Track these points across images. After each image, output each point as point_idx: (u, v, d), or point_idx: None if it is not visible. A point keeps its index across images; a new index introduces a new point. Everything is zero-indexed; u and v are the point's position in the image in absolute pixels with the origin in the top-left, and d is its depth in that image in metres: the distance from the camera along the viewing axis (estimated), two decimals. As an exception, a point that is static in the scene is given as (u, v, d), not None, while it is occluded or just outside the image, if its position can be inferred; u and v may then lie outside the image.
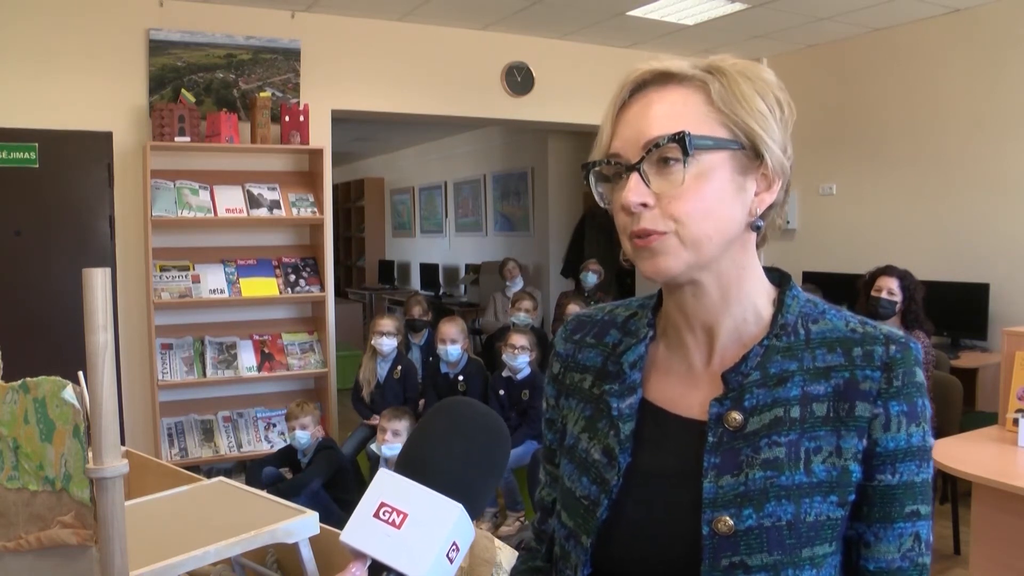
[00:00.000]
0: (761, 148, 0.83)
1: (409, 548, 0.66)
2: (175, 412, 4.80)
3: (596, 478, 0.90)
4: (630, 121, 0.85)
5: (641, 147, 0.83)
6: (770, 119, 0.84)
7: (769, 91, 0.85)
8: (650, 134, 0.82)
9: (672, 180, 0.82)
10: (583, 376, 0.98)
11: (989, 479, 2.62)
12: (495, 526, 4.23)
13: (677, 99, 0.84)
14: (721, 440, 0.84)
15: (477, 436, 0.76)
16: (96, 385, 0.75)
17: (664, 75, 0.85)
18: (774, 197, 0.86)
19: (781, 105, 0.86)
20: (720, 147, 0.82)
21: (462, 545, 0.70)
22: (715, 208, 0.83)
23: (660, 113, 0.83)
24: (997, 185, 5.02)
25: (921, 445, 0.83)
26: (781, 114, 0.86)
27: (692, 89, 0.84)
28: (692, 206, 0.81)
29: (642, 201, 0.82)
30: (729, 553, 0.80)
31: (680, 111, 0.83)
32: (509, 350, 4.40)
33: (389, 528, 0.67)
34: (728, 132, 0.83)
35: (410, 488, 0.69)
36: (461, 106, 5.71)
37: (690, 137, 0.80)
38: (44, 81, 4.43)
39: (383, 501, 0.69)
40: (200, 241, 4.88)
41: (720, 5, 5.04)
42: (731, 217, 0.84)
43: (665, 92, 0.85)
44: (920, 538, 0.83)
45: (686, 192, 0.81)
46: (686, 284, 0.87)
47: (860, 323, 0.88)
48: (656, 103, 0.84)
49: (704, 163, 0.82)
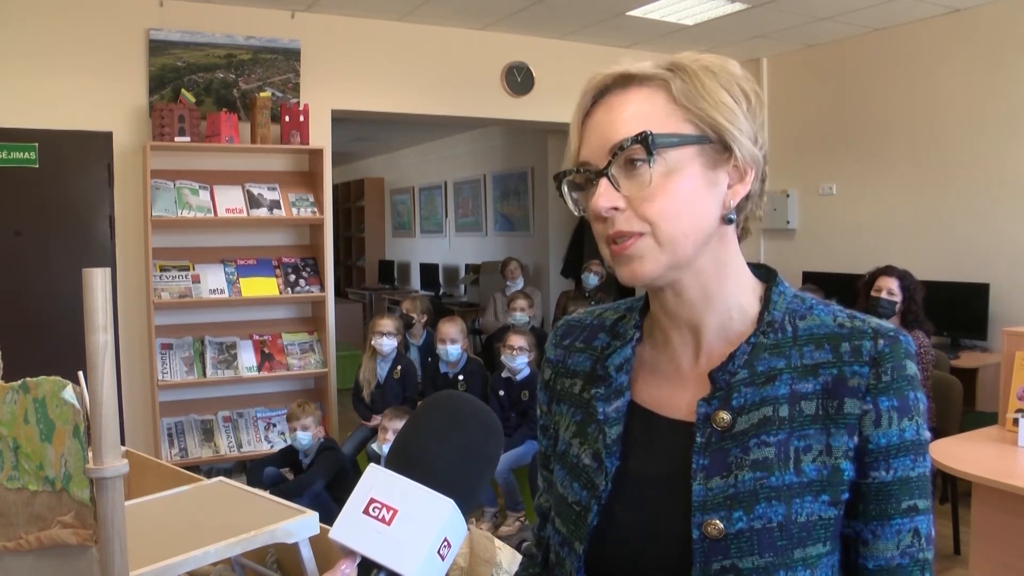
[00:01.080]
0: (729, 140, 0.83)
1: (399, 545, 0.65)
2: (175, 412, 4.80)
3: (586, 483, 0.89)
4: (595, 127, 0.85)
5: (607, 152, 0.82)
6: (736, 111, 0.83)
7: (734, 83, 0.84)
8: (614, 138, 0.82)
9: (640, 181, 0.81)
10: (573, 381, 0.97)
11: (989, 479, 2.62)
12: (495, 526, 4.23)
13: (639, 100, 0.83)
14: (709, 441, 0.83)
15: (468, 429, 0.75)
16: (96, 385, 0.75)
17: (624, 77, 0.85)
18: (748, 188, 0.85)
19: (748, 96, 0.85)
20: (685, 143, 0.82)
21: (454, 541, 0.68)
22: (687, 205, 0.82)
23: (622, 116, 0.83)
24: (997, 185, 5.02)
25: (915, 439, 0.82)
26: (748, 104, 0.85)
27: (653, 89, 0.84)
28: (663, 205, 0.81)
29: (612, 205, 0.81)
30: (720, 557, 0.79)
31: (642, 111, 0.82)
32: (508, 351, 4.40)
33: (379, 525, 0.66)
34: (694, 128, 0.82)
35: (400, 484, 0.68)
36: (461, 106, 5.72)
37: (653, 136, 0.80)
38: (44, 81, 4.43)
39: (372, 497, 0.67)
40: (200, 241, 4.88)
41: (720, 5, 5.04)
42: (705, 213, 0.83)
43: (627, 94, 0.84)
44: (920, 533, 0.82)
45: (656, 192, 0.81)
46: (667, 286, 0.87)
47: (848, 317, 0.86)
48: (618, 106, 0.84)
49: (671, 161, 0.81)
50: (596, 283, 6.36)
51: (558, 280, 8.42)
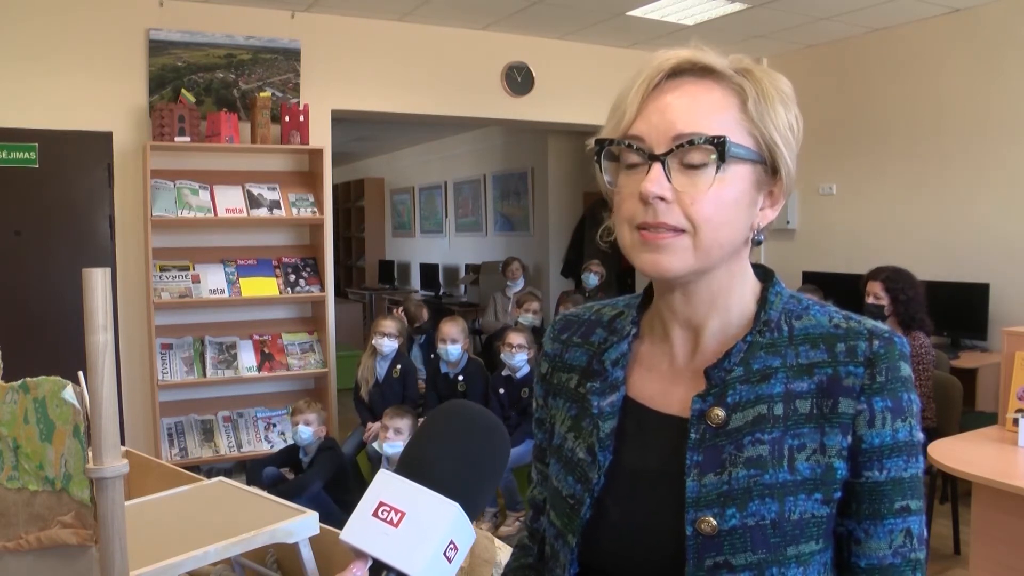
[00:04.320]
0: (779, 165, 0.83)
1: (406, 546, 0.67)
2: (175, 412, 4.79)
3: (580, 477, 0.89)
4: (662, 108, 0.82)
5: (671, 138, 0.80)
6: (791, 139, 0.84)
7: (792, 107, 0.84)
8: (685, 128, 0.80)
9: (698, 182, 0.80)
10: (570, 375, 0.97)
11: (989, 479, 2.62)
12: (495, 526, 4.23)
13: (715, 99, 0.82)
14: (704, 437, 0.83)
15: (477, 438, 0.76)
16: (96, 385, 0.75)
17: (704, 68, 0.83)
18: (775, 214, 0.87)
19: (798, 122, 0.85)
20: (751, 159, 0.82)
21: (461, 545, 0.70)
22: (731, 218, 0.82)
23: (700, 109, 0.81)
24: (997, 185, 5.02)
25: (908, 440, 0.82)
26: (798, 131, 0.85)
27: (729, 91, 0.82)
28: (712, 213, 0.80)
29: (661, 194, 0.80)
30: (713, 553, 0.80)
31: (718, 113, 0.81)
32: (507, 348, 4.40)
33: (387, 527, 0.68)
34: (755, 143, 0.82)
35: (408, 488, 0.70)
36: (461, 106, 5.71)
37: (729, 144, 0.79)
38: (44, 81, 4.43)
39: (382, 500, 0.69)
40: (200, 241, 4.88)
41: (720, 5, 5.04)
42: (741, 228, 0.84)
43: (703, 87, 0.82)
44: (912, 534, 0.82)
45: (711, 197, 0.80)
46: (679, 287, 0.87)
47: (844, 318, 0.87)
48: (697, 96, 0.82)
49: (730, 171, 0.81)
50: (596, 283, 6.35)
51: (558, 280, 8.43)
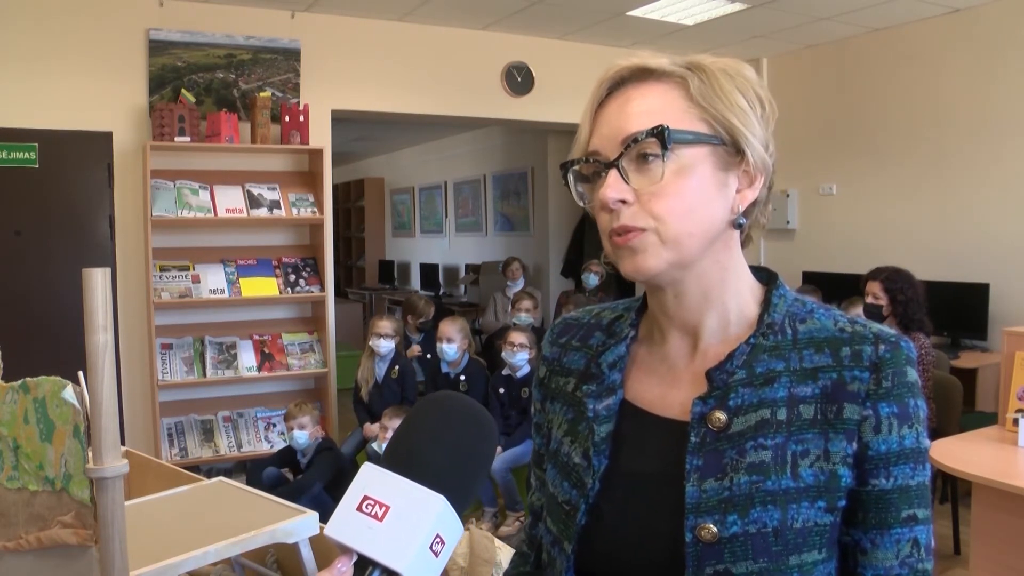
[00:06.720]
0: (742, 144, 0.82)
1: (391, 541, 0.66)
2: (175, 412, 4.79)
3: (576, 482, 0.88)
4: (608, 118, 0.84)
5: (620, 143, 0.81)
6: (751, 115, 0.83)
7: (749, 87, 0.84)
8: (628, 130, 0.81)
9: (651, 176, 0.80)
10: (567, 379, 0.96)
11: (989, 479, 2.62)
12: (495, 526, 4.23)
13: (656, 94, 0.83)
14: (704, 441, 0.82)
15: (462, 428, 0.75)
16: (96, 385, 0.75)
17: (643, 71, 0.84)
18: (756, 194, 0.85)
19: (762, 102, 0.85)
20: (700, 141, 0.81)
21: (448, 539, 0.68)
22: (696, 205, 0.81)
23: (639, 109, 0.82)
24: (997, 185, 5.02)
25: (915, 447, 0.80)
26: (762, 111, 0.85)
27: (671, 85, 0.83)
28: (672, 203, 0.80)
29: (620, 197, 0.81)
30: (713, 561, 0.78)
31: (659, 106, 0.82)
32: (508, 347, 4.40)
33: (371, 521, 0.66)
34: (708, 128, 0.82)
35: (392, 481, 0.68)
36: (461, 106, 5.71)
37: (669, 131, 0.79)
38: (44, 81, 4.43)
39: (366, 494, 0.68)
40: (200, 241, 4.88)
41: (720, 5, 5.04)
42: (713, 214, 0.83)
43: (644, 88, 0.83)
44: (919, 543, 0.81)
45: (666, 188, 0.80)
46: (667, 285, 0.86)
47: (849, 322, 0.85)
48: (635, 99, 0.83)
49: (684, 159, 0.81)
50: (596, 283, 6.35)
51: (558, 280, 8.42)
